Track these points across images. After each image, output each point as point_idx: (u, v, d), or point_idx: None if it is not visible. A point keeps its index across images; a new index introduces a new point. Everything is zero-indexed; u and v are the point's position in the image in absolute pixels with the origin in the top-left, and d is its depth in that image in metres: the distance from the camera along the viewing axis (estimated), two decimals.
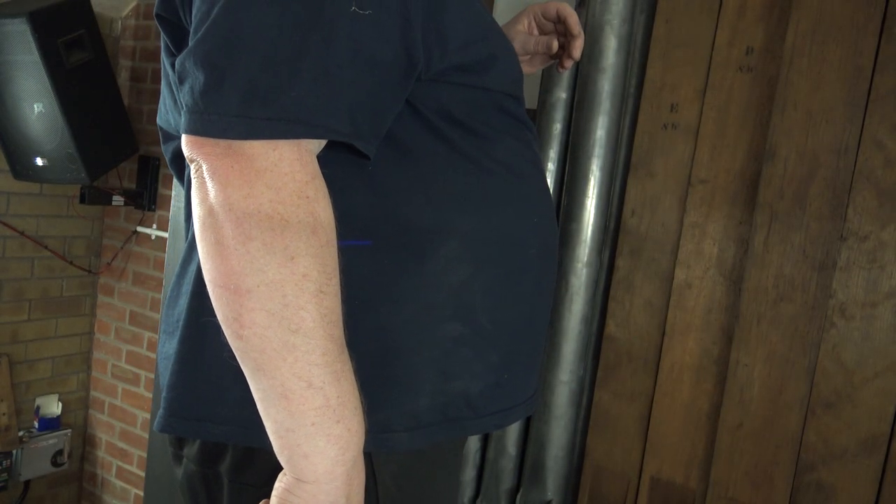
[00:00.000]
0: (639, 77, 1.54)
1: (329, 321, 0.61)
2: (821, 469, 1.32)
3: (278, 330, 0.59)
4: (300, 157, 0.60)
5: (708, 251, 1.44)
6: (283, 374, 0.60)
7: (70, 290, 2.81)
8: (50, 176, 2.36)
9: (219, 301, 0.60)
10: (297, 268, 0.59)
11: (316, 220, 0.60)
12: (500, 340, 0.77)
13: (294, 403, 0.60)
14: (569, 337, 1.52)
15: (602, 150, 1.49)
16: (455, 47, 0.70)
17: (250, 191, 0.58)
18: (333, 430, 0.61)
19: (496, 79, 0.76)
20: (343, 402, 0.62)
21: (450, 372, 0.74)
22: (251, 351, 0.60)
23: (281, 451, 0.63)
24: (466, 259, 0.73)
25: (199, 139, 0.60)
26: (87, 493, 2.97)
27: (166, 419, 0.73)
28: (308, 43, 0.60)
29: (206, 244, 0.60)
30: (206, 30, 0.60)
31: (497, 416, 0.79)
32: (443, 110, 0.72)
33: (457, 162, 0.74)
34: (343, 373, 0.62)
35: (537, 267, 0.81)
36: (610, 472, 1.54)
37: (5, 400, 2.59)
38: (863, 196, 1.29)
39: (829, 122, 1.31)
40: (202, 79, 0.59)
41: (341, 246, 0.67)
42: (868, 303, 1.29)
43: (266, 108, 0.58)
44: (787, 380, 1.34)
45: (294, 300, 0.59)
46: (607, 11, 1.47)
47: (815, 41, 1.31)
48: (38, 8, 2.15)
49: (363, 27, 0.62)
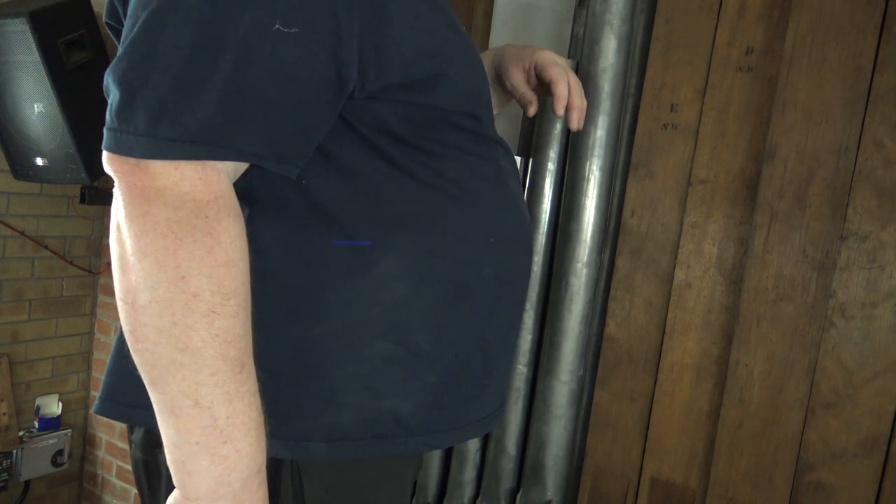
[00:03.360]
0: (639, 77, 1.54)
1: (221, 341, 0.61)
2: (821, 469, 1.32)
3: (167, 347, 0.60)
4: (203, 177, 0.61)
5: (708, 251, 1.44)
6: (171, 390, 0.61)
7: (70, 290, 2.81)
8: (50, 176, 2.35)
9: (121, 312, 0.62)
10: (188, 287, 0.59)
11: (214, 241, 0.60)
12: (439, 361, 0.76)
13: (181, 420, 0.61)
14: (569, 337, 1.52)
15: (602, 150, 1.49)
16: (396, 65, 0.68)
17: (149, 209, 0.59)
18: (219, 451, 0.62)
19: (444, 97, 0.74)
20: (233, 423, 0.62)
21: (377, 389, 0.73)
22: (144, 365, 0.62)
23: (170, 465, 0.64)
24: (404, 277, 0.72)
25: (113, 156, 0.61)
26: (88, 493, 2.97)
27: (102, 402, 0.75)
28: (219, 63, 0.59)
29: (113, 257, 0.62)
30: (125, 47, 0.61)
31: (435, 436, 0.78)
32: (382, 127, 0.71)
33: (399, 179, 0.73)
34: (237, 393, 0.62)
35: (492, 287, 0.79)
36: (610, 472, 1.54)
37: (5, 400, 2.59)
38: (863, 196, 1.29)
39: (829, 122, 1.31)
40: (118, 97, 0.60)
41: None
42: (868, 303, 1.29)
43: (171, 128, 0.59)
44: (787, 380, 1.34)
45: (182, 319, 0.59)
46: (607, 11, 1.47)
47: (815, 41, 1.31)
48: (39, 8, 2.15)
49: (287, 46, 0.61)
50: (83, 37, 2.30)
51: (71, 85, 2.24)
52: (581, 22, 1.63)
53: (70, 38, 2.25)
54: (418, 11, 0.70)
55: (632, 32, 1.50)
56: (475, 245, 0.77)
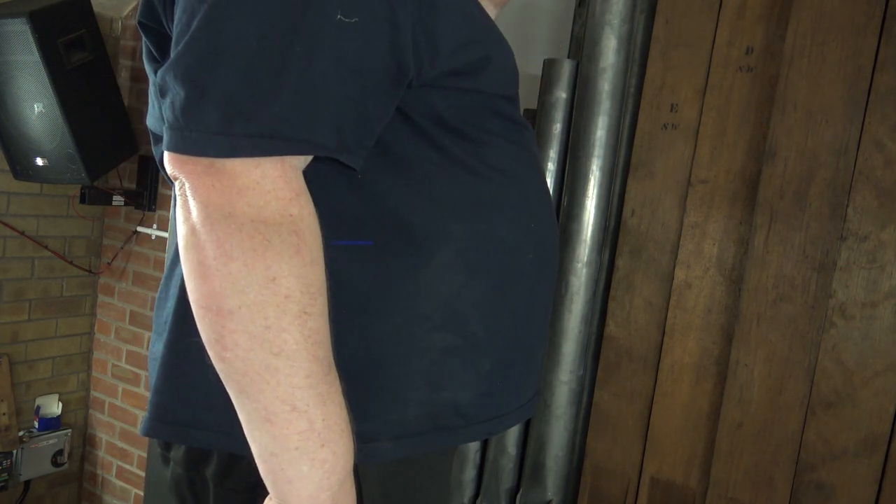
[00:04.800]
0: (639, 77, 1.54)
1: (313, 342, 0.59)
2: (821, 469, 1.32)
3: (260, 353, 0.58)
4: (283, 174, 0.59)
5: (708, 251, 1.44)
6: (266, 397, 0.59)
7: (70, 290, 2.81)
8: (50, 176, 2.35)
9: (202, 322, 0.60)
10: (280, 289, 0.57)
11: (300, 239, 0.59)
12: (492, 348, 0.76)
13: (277, 427, 0.59)
14: (569, 337, 1.52)
15: (602, 150, 1.49)
16: (447, 51, 0.68)
17: (231, 210, 0.57)
18: (318, 455, 0.60)
19: (490, 80, 0.74)
20: (328, 424, 0.61)
21: (438, 382, 0.72)
22: (234, 374, 0.59)
23: (266, 475, 0.62)
24: (460, 267, 0.72)
25: (181, 157, 0.59)
26: (88, 493, 2.97)
27: (150, 423, 0.72)
28: (289, 55, 0.58)
29: (188, 264, 0.59)
30: (185, 43, 0.59)
31: (489, 424, 0.78)
32: (435, 116, 0.71)
33: (449, 168, 0.72)
34: (329, 395, 0.61)
35: (533, 272, 0.79)
36: (610, 472, 1.54)
37: (5, 400, 2.59)
38: (863, 196, 1.29)
39: (829, 122, 1.31)
40: (182, 94, 0.58)
41: (340, 245, 0.67)
42: (868, 303, 1.29)
43: (247, 124, 0.57)
44: (787, 380, 1.34)
45: (276, 322, 0.58)
46: (607, 11, 1.47)
47: (815, 41, 1.31)
48: (39, 8, 2.15)
49: (349, 36, 0.60)
50: (83, 37, 2.30)
51: (71, 85, 2.25)
52: (581, 22, 1.63)
53: (70, 38, 2.25)
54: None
55: (632, 32, 1.50)
56: (519, 231, 0.77)
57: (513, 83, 0.80)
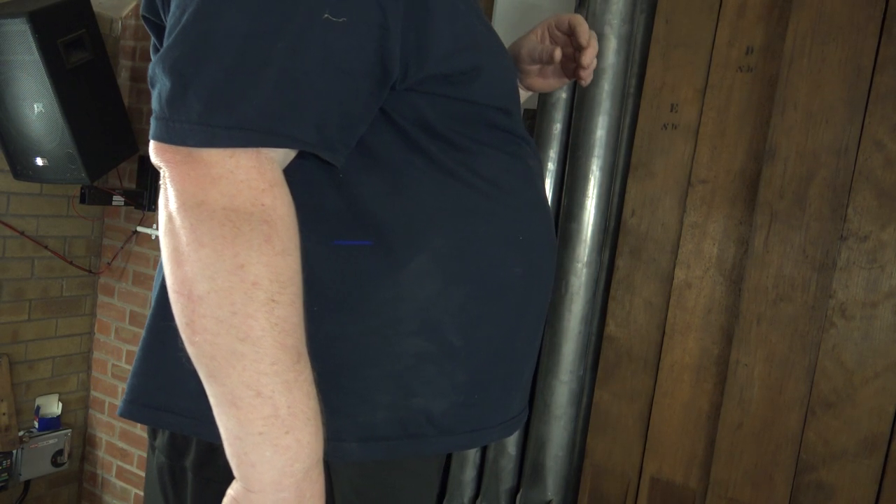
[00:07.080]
0: (639, 77, 1.54)
1: (280, 330, 0.60)
2: (821, 469, 1.32)
3: (227, 337, 0.59)
4: (258, 165, 0.60)
5: (708, 251, 1.44)
6: (232, 381, 0.60)
7: (70, 290, 2.81)
8: (50, 176, 2.35)
9: (175, 306, 0.61)
10: (247, 276, 0.59)
11: (271, 229, 0.60)
12: (470, 359, 0.75)
13: (242, 411, 0.60)
14: (569, 337, 1.52)
15: (602, 150, 1.49)
16: (437, 57, 0.68)
17: (204, 198, 0.59)
18: (282, 441, 0.61)
19: (482, 92, 0.74)
20: (293, 412, 0.61)
21: (409, 387, 0.72)
22: (203, 357, 0.61)
23: (231, 458, 0.63)
24: (437, 274, 0.71)
25: (163, 146, 0.60)
26: (88, 493, 2.97)
27: (126, 405, 0.73)
28: (274, 51, 0.59)
29: (165, 250, 0.61)
30: (175, 36, 0.60)
31: (466, 436, 0.77)
32: (421, 121, 0.71)
33: (434, 175, 0.72)
34: (296, 383, 0.61)
35: (521, 287, 0.78)
36: (610, 472, 1.54)
37: (5, 400, 2.59)
38: (863, 196, 1.29)
39: (829, 122, 1.31)
40: (168, 86, 0.60)
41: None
42: (868, 303, 1.29)
43: (226, 116, 0.59)
44: (787, 380, 1.34)
45: (242, 308, 0.59)
46: (607, 11, 1.47)
47: (815, 41, 1.31)
48: (38, 8, 2.15)
49: (336, 35, 0.61)
50: (83, 37, 2.30)
51: (71, 85, 2.24)
52: None
53: (70, 38, 2.25)
54: (456, 6, 0.71)
55: (632, 32, 1.50)
56: (507, 243, 0.77)
57: (508, 96, 0.79)
